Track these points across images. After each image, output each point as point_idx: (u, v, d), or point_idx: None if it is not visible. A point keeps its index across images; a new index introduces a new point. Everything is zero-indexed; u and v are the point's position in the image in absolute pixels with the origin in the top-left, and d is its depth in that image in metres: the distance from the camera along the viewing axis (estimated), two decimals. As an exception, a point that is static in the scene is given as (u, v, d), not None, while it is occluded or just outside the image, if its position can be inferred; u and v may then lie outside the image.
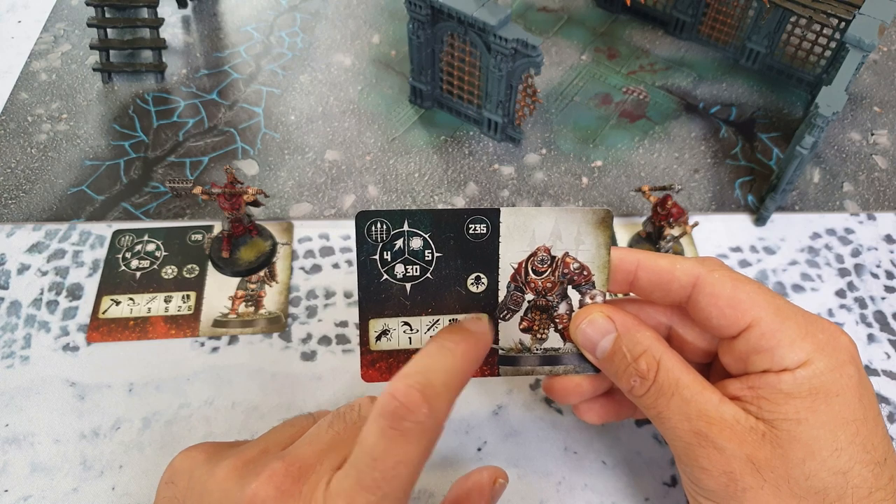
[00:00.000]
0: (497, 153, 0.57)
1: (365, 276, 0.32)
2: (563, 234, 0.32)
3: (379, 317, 0.33)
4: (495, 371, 0.34)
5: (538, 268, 0.33)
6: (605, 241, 0.32)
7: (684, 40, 0.67)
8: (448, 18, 0.52)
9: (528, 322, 0.33)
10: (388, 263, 0.32)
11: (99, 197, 0.53)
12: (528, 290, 0.33)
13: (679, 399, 0.30)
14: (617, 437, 0.42)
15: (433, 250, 0.32)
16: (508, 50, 0.50)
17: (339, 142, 0.57)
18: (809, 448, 0.29)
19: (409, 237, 0.32)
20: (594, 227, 0.32)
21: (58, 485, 0.39)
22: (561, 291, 0.33)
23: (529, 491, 0.40)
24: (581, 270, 0.33)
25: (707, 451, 0.30)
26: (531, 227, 0.32)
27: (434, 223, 0.32)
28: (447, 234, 0.32)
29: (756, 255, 0.51)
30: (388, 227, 0.32)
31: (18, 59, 0.63)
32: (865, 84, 0.64)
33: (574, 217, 0.32)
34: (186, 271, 0.49)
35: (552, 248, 0.32)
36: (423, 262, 0.32)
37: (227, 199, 0.47)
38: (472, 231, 0.32)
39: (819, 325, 0.31)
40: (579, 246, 0.32)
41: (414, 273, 0.32)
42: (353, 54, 0.65)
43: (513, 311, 0.33)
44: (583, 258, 0.33)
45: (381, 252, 0.32)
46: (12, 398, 0.42)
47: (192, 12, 0.68)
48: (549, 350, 0.34)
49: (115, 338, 0.45)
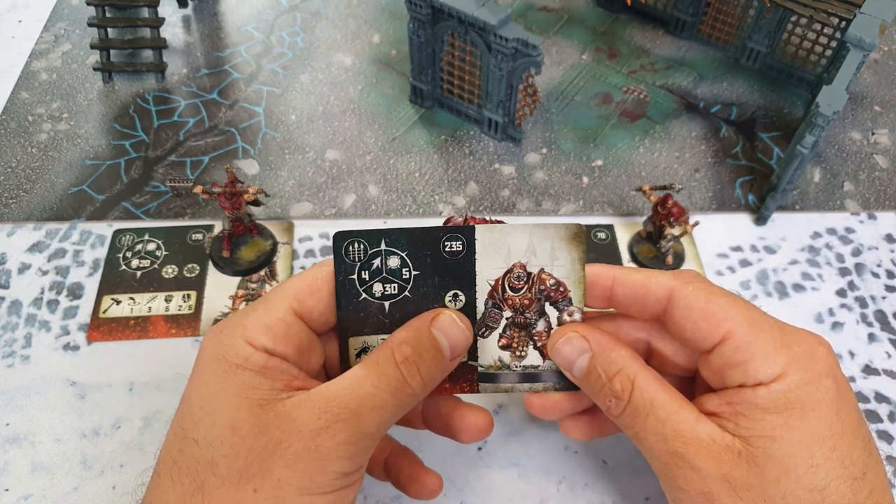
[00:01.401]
0: (497, 153, 0.57)
1: (344, 296, 0.32)
2: (538, 250, 0.32)
3: (358, 335, 0.33)
4: (475, 388, 0.34)
5: (515, 284, 0.33)
6: (580, 255, 0.33)
7: (685, 40, 0.67)
8: (448, 18, 0.52)
9: (506, 339, 0.34)
10: (367, 282, 0.32)
11: (99, 196, 0.53)
12: (505, 308, 0.33)
13: (654, 419, 0.30)
14: (617, 437, 0.42)
15: (410, 268, 0.32)
16: (509, 49, 0.50)
17: (340, 141, 0.57)
18: (784, 466, 0.28)
19: (386, 256, 0.32)
20: (567, 242, 0.32)
21: (58, 484, 0.39)
22: (538, 308, 0.33)
23: (530, 490, 0.40)
24: (557, 286, 0.33)
25: (684, 471, 0.29)
26: (506, 244, 0.32)
27: (410, 242, 0.32)
28: (424, 252, 0.32)
29: (756, 254, 0.51)
30: (366, 247, 0.32)
31: (19, 58, 0.63)
32: (866, 83, 0.64)
33: (547, 233, 0.32)
34: (187, 271, 0.49)
35: (528, 264, 0.33)
36: (401, 281, 0.32)
37: (227, 199, 0.47)
38: (448, 249, 0.32)
39: (795, 336, 0.30)
40: (554, 262, 0.33)
41: (392, 291, 0.32)
42: (354, 54, 0.65)
43: (491, 328, 0.33)
44: (558, 274, 0.33)
45: (359, 271, 0.32)
46: (13, 397, 0.42)
47: (192, 12, 0.68)
48: (529, 367, 0.34)
49: (116, 337, 0.45)
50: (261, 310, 0.31)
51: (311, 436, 0.28)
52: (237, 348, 0.30)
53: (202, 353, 0.31)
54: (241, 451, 0.28)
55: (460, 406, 0.35)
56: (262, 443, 0.28)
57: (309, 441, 0.28)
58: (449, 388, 0.34)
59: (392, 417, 0.30)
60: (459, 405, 0.35)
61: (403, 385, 0.30)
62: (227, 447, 0.28)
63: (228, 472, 0.28)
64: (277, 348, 0.30)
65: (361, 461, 0.29)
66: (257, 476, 0.27)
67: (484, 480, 0.40)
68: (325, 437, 0.28)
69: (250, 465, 0.27)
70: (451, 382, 0.34)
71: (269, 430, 0.28)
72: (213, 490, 0.27)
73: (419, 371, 0.30)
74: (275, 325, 0.30)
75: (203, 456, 0.28)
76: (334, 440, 0.28)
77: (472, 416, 0.35)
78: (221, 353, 0.30)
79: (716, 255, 0.51)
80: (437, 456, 0.40)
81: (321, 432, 0.28)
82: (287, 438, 0.28)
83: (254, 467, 0.27)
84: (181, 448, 0.29)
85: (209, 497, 0.27)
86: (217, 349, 0.30)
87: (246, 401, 0.29)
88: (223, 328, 0.31)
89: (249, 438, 0.28)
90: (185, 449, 0.29)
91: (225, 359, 0.29)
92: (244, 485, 0.27)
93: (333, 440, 0.28)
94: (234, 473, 0.27)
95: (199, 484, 0.28)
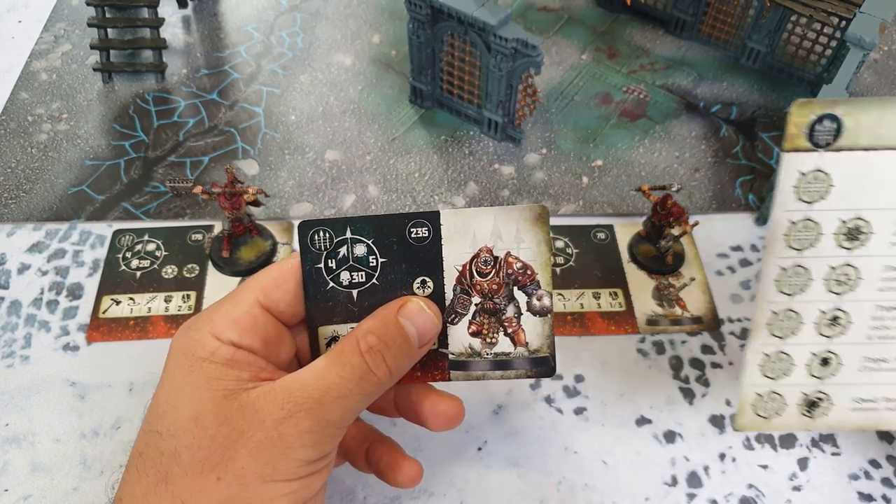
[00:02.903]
0: (497, 153, 0.57)
1: (311, 285, 0.32)
2: (503, 234, 0.32)
3: (328, 324, 0.33)
4: (446, 376, 0.34)
5: (482, 269, 0.33)
6: (545, 237, 0.32)
7: (685, 39, 0.67)
8: (448, 18, 0.52)
9: (476, 326, 0.33)
10: (333, 271, 0.32)
11: (99, 197, 0.53)
12: (474, 293, 0.33)
13: None
14: (617, 437, 0.42)
15: (377, 256, 0.32)
16: (508, 49, 0.50)
17: (340, 142, 0.57)
18: None
19: (352, 244, 0.32)
20: (532, 224, 0.32)
21: (58, 484, 0.39)
22: (507, 294, 0.33)
23: (530, 490, 0.40)
24: (525, 270, 0.33)
25: None
26: (472, 228, 0.32)
27: (376, 229, 0.32)
28: (390, 240, 0.32)
29: (757, 254, 0.51)
30: (331, 236, 0.32)
31: (19, 58, 0.63)
32: (866, 83, 0.64)
33: (512, 215, 0.32)
34: (187, 271, 0.49)
35: (494, 248, 0.32)
36: (368, 269, 0.32)
37: (227, 199, 0.47)
38: (413, 235, 0.32)
39: None
40: (520, 244, 0.32)
41: (360, 279, 0.32)
42: (354, 54, 0.65)
43: (461, 314, 0.33)
44: (525, 257, 0.33)
45: (325, 260, 0.32)
46: (12, 398, 0.42)
47: (192, 12, 0.68)
48: (500, 354, 0.34)
49: (116, 337, 0.45)
50: (228, 304, 0.31)
51: (273, 425, 0.28)
52: (204, 343, 0.30)
53: (171, 349, 0.31)
54: (204, 441, 0.28)
55: (431, 394, 0.35)
56: (224, 433, 0.28)
57: (272, 430, 0.28)
58: (420, 377, 0.34)
59: (358, 406, 0.30)
60: (430, 393, 0.35)
61: (368, 374, 0.30)
62: (189, 437, 0.28)
63: (191, 462, 0.28)
64: (244, 341, 0.31)
65: (326, 449, 0.30)
66: (220, 465, 0.28)
67: (484, 480, 0.40)
68: (288, 426, 0.28)
69: (213, 455, 0.28)
70: (422, 371, 0.34)
71: (233, 420, 0.28)
72: (176, 480, 0.28)
73: (385, 360, 0.30)
74: (241, 319, 0.31)
75: (167, 447, 0.29)
76: (297, 429, 0.28)
77: (443, 403, 0.35)
78: (189, 348, 0.30)
79: (716, 255, 0.51)
80: (437, 456, 0.40)
81: (283, 421, 0.28)
82: (250, 428, 0.28)
83: (216, 456, 0.28)
84: (147, 441, 0.30)
85: (173, 486, 0.28)
86: (185, 345, 0.31)
87: (210, 392, 0.29)
88: (191, 324, 0.31)
89: (212, 429, 0.28)
90: (150, 442, 0.29)
91: (192, 353, 0.30)
92: (207, 474, 0.28)
93: (296, 429, 0.28)
94: (197, 463, 0.28)
95: (162, 474, 0.28)
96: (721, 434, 0.42)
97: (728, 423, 0.42)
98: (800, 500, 0.40)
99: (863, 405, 0.33)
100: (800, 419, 0.33)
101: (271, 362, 0.32)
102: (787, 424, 0.34)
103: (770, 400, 0.33)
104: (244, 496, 0.28)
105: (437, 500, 0.39)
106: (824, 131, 0.28)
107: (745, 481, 0.40)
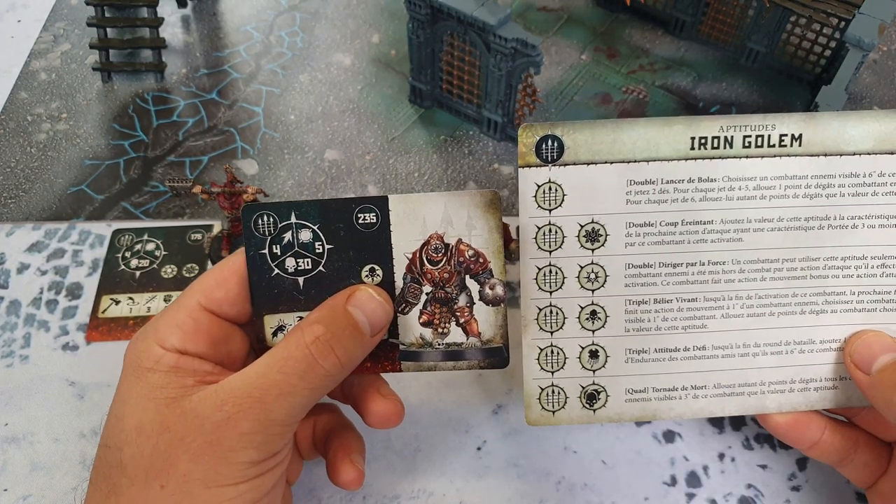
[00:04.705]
0: (497, 153, 0.57)
1: (255, 272, 0.32)
2: (454, 220, 0.32)
3: (273, 312, 0.32)
4: (397, 367, 0.33)
5: (433, 257, 0.32)
6: (496, 224, 0.32)
7: (684, 40, 0.67)
8: (448, 18, 0.52)
9: (427, 315, 0.33)
10: (278, 257, 0.31)
11: (98, 196, 0.53)
12: (425, 282, 0.32)
13: None
14: (617, 437, 0.42)
15: (324, 242, 0.31)
16: (508, 49, 0.50)
17: (339, 141, 0.57)
18: None
19: (297, 229, 0.31)
20: (483, 210, 0.32)
21: (57, 484, 0.39)
22: (459, 282, 0.32)
23: (529, 490, 0.40)
24: (477, 258, 0.32)
25: None
26: (421, 214, 0.32)
27: (322, 214, 0.31)
28: (336, 225, 0.31)
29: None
30: (276, 220, 0.31)
31: (18, 58, 0.63)
32: (865, 83, 0.64)
33: (462, 201, 0.32)
34: (186, 271, 0.49)
35: (444, 234, 0.32)
36: (314, 255, 0.31)
37: (226, 199, 0.47)
38: (361, 221, 0.31)
39: None
40: (471, 231, 0.32)
41: (306, 266, 0.32)
42: (353, 54, 0.65)
43: (411, 304, 0.32)
44: (476, 244, 0.32)
45: (269, 246, 0.31)
46: (12, 397, 0.42)
47: (191, 12, 0.68)
48: (452, 345, 0.33)
49: (115, 337, 0.45)
50: (172, 310, 0.31)
51: (212, 429, 0.28)
52: (149, 352, 0.30)
53: (123, 362, 0.31)
54: (147, 449, 0.28)
55: (373, 391, 0.34)
56: (166, 440, 0.28)
57: (210, 434, 0.28)
58: (370, 368, 0.33)
59: (305, 401, 0.29)
60: (373, 390, 0.34)
61: (314, 367, 0.29)
62: (133, 448, 0.28)
63: (136, 472, 0.28)
64: (188, 346, 0.30)
65: (273, 449, 0.29)
66: (163, 473, 0.28)
67: (483, 480, 0.40)
68: (227, 429, 0.28)
69: (155, 463, 0.28)
70: (373, 361, 0.33)
71: (173, 426, 0.28)
72: (123, 491, 0.28)
73: (334, 351, 0.29)
74: (184, 324, 0.30)
75: (113, 459, 0.29)
76: (236, 431, 0.28)
77: (382, 402, 0.33)
78: (135, 359, 0.30)
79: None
80: (436, 455, 0.40)
81: (222, 424, 0.28)
82: (189, 433, 0.28)
83: (159, 464, 0.28)
84: (99, 455, 0.30)
85: (120, 498, 0.28)
86: (132, 356, 0.30)
87: (153, 401, 0.29)
88: (139, 335, 0.31)
89: (154, 437, 0.28)
90: (100, 455, 0.30)
91: (138, 364, 0.30)
92: (151, 482, 0.28)
93: (235, 431, 0.28)
94: (141, 472, 0.28)
95: (111, 486, 0.28)
96: (720, 434, 0.42)
97: (728, 423, 0.42)
98: (799, 500, 0.40)
99: (635, 396, 0.34)
100: (582, 412, 0.34)
101: (222, 364, 0.31)
102: (571, 417, 0.34)
103: (552, 393, 0.34)
104: (189, 503, 0.28)
105: (436, 499, 0.39)
106: (549, 149, 0.31)
107: (745, 481, 0.40)
